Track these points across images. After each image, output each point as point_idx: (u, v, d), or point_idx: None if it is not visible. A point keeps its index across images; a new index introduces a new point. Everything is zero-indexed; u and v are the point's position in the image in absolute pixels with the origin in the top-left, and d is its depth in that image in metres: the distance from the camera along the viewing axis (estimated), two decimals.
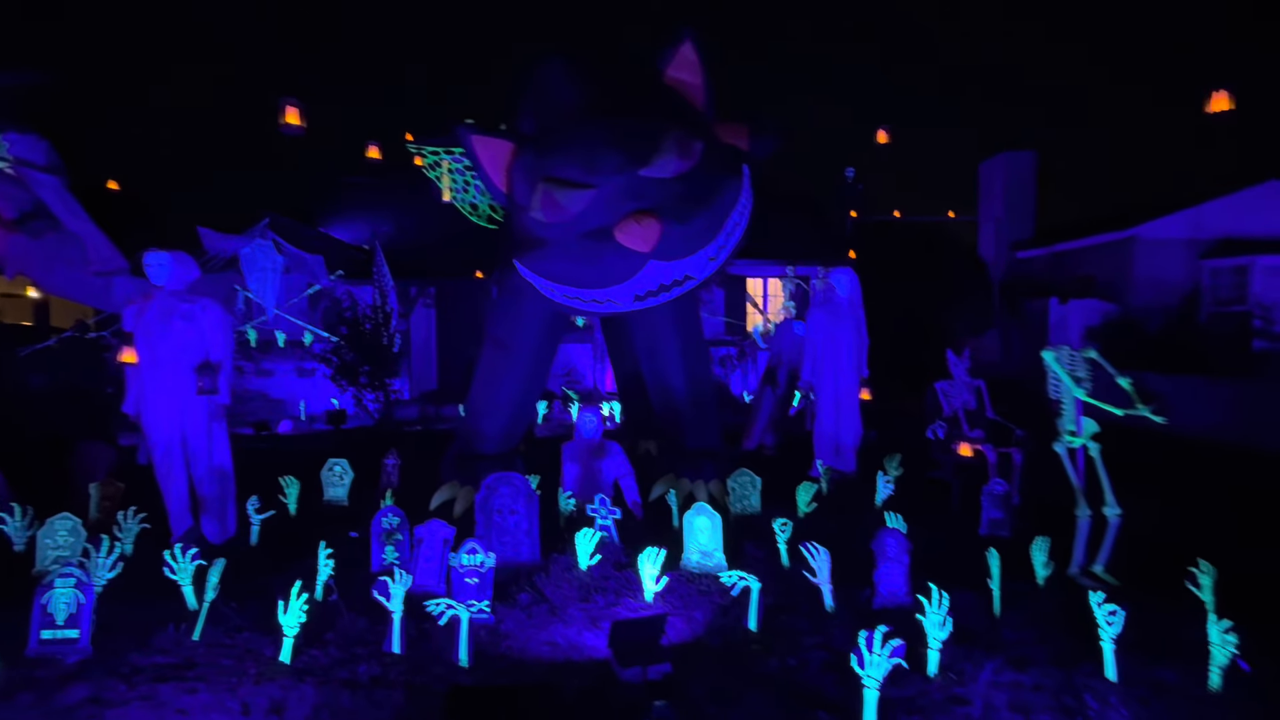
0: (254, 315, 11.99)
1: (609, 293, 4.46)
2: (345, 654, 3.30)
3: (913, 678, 3.05)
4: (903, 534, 3.90)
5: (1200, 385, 10.16)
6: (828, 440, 6.64)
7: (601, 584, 4.09)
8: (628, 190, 4.10)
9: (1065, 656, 3.21)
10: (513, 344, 5.97)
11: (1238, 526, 5.55)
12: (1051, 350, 4.43)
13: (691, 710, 2.83)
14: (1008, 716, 2.77)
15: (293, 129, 8.90)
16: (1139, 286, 13.19)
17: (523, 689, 2.66)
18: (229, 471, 4.96)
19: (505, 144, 4.37)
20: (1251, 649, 3.26)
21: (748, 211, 4.81)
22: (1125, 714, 2.74)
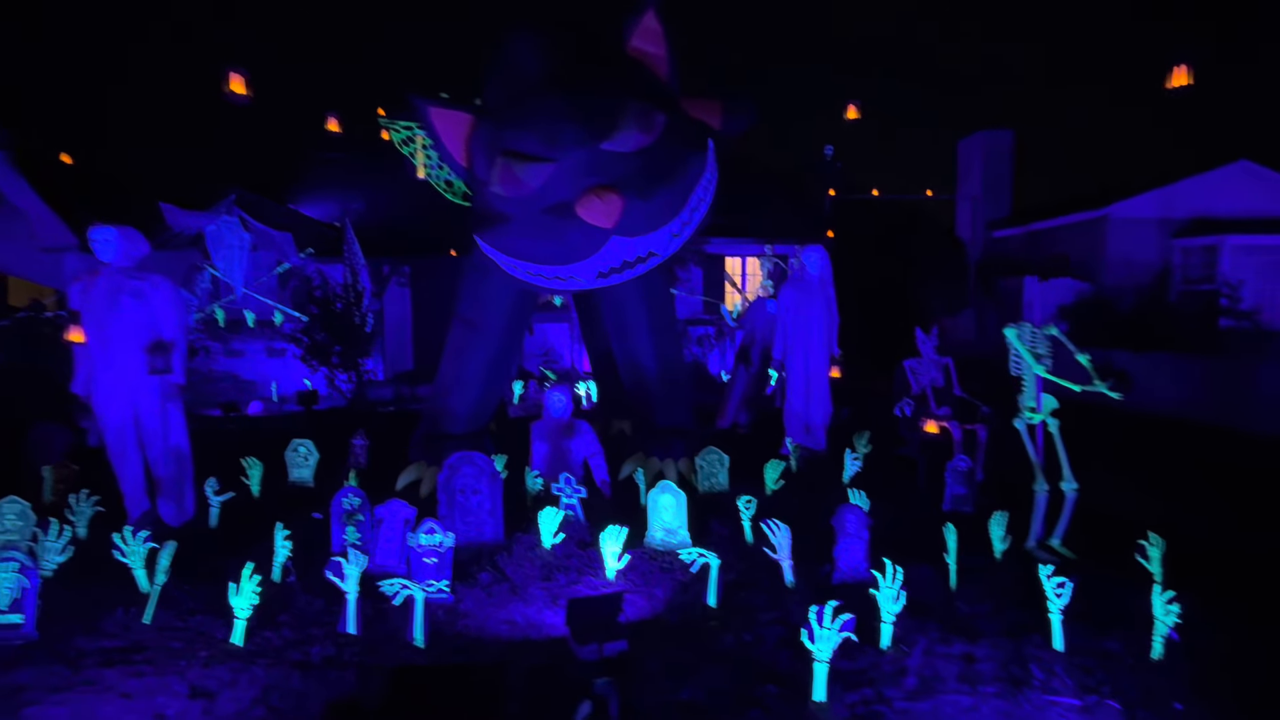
0: (222, 294, 11.73)
1: (571, 269, 4.39)
2: (299, 635, 3.26)
3: (866, 650, 3.09)
4: (863, 510, 3.92)
5: (1168, 362, 10.35)
6: (798, 418, 6.66)
7: (564, 563, 4.08)
8: (589, 165, 4.01)
9: (1016, 628, 3.27)
10: (481, 322, 5.88)
11: (1196, 501, 5.67)
12: (1013, 327, 4.45)
13: (646, 685, 2.84)
14: (955, 687, 2.81)
15: (238, 98, 8.60)
16: (1112, 265, 13.33)
17: (472, 667, 2.64)
18: (186, 453, 4.86)
19: (464, 116, 4.25)
20: (1202, 619, 3.34)
21: (713, 187, 4.74)
22: (1069, 683, 2.79)
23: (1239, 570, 4.06)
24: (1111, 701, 2.64)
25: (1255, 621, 3.37)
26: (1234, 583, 3.85)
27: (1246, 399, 9.13)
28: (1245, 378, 9.24)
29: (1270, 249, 13.14)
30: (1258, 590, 3.76)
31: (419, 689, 2.20)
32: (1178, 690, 2.76)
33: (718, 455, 5.56)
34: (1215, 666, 2.95)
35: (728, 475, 5.59)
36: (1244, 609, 3.51)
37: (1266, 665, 2.99)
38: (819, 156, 14.83)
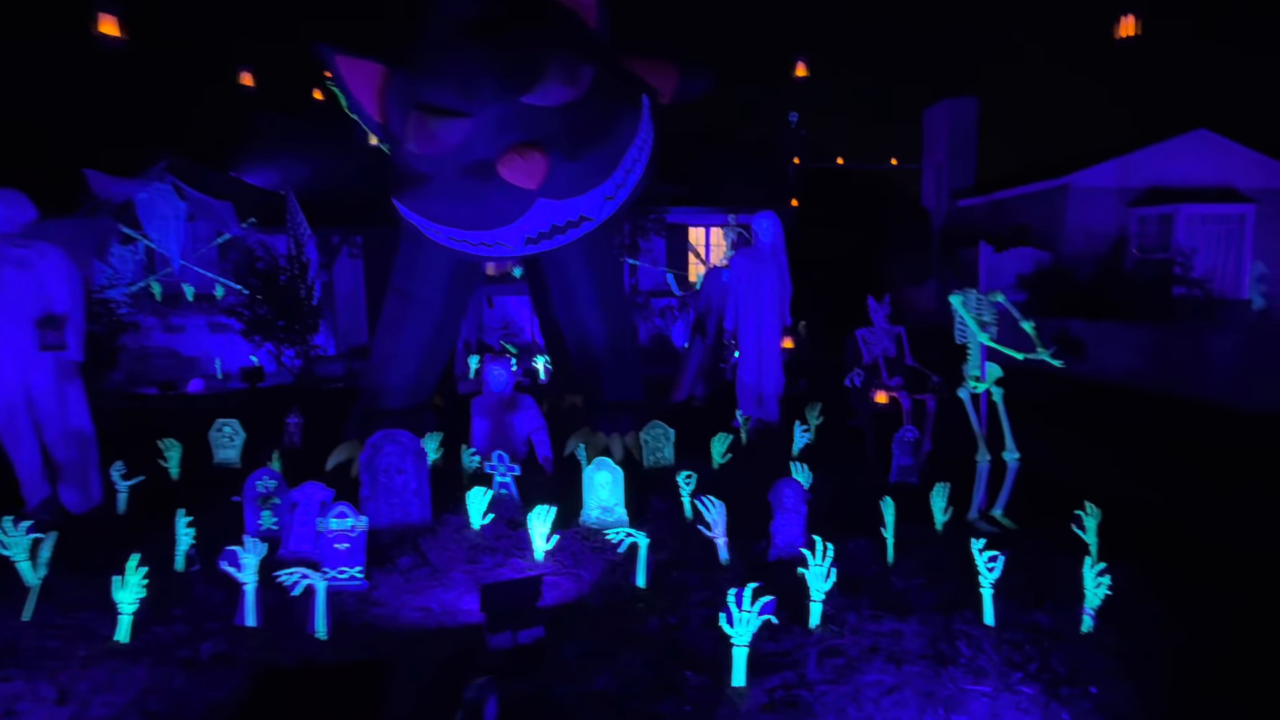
0: (158, 267, 11.14)
1: (496, 235, 4.12)
2: (193, 630, 3.03)
3: (794, 631, 2.97)
4: (801, 485, 3.79)
5: (1119, 331, 10.45)
6: (750, 390, 6.52)
7: (493, 544, 3.89)
8: (509, 120, 3.72)
9: (949, 603, 3.18)
10: (416, 293, 5.58)
11: (1140, 469, 5.69)
12: (959, 295, 4.32)
13: (559, 673, 2.68)
14: (880, 666, 2.70)
15: (111, 40, 7.96)
16: (1071, 235, 13.38)
17: (350, 666, 2.44)
18: (89, 435, 4.53)
19: (375, 66, 3.90)
20: (1136, 590, 3.30)
21: (649, 147, 4.48)
22: (996, 659, 2.71)
23: (1178, 540, 4.05)
24: (1025, 688, 2.55)
25: (1188, 592, 3.34)
26: (1173, 552, 3.83)
27: (1194, 367, 9.27)
28: (1193, 346, 9.37)
29: (1224, 218, 13.33)
30: (1195, 560, 3.74)
31: (288, 690, 2.00)
32: (1103, 664, 2.70)
33: (663, 430, 5.40)
34: (1143, 639, 2.89)
35: (673, 450, 5.44)
36: (1180, 579, 3.49)
37: (1195, 637, 2.95)
38: (784, 124, 14.54)
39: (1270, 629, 3.00)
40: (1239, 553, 3.78)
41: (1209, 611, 3.13)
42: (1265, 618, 3.09)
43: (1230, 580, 3.45)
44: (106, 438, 5.81)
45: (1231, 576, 3.50)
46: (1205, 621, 3.05)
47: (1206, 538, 4.07)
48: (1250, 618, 3.09)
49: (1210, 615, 3.09)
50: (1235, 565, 3.64)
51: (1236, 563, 3.67)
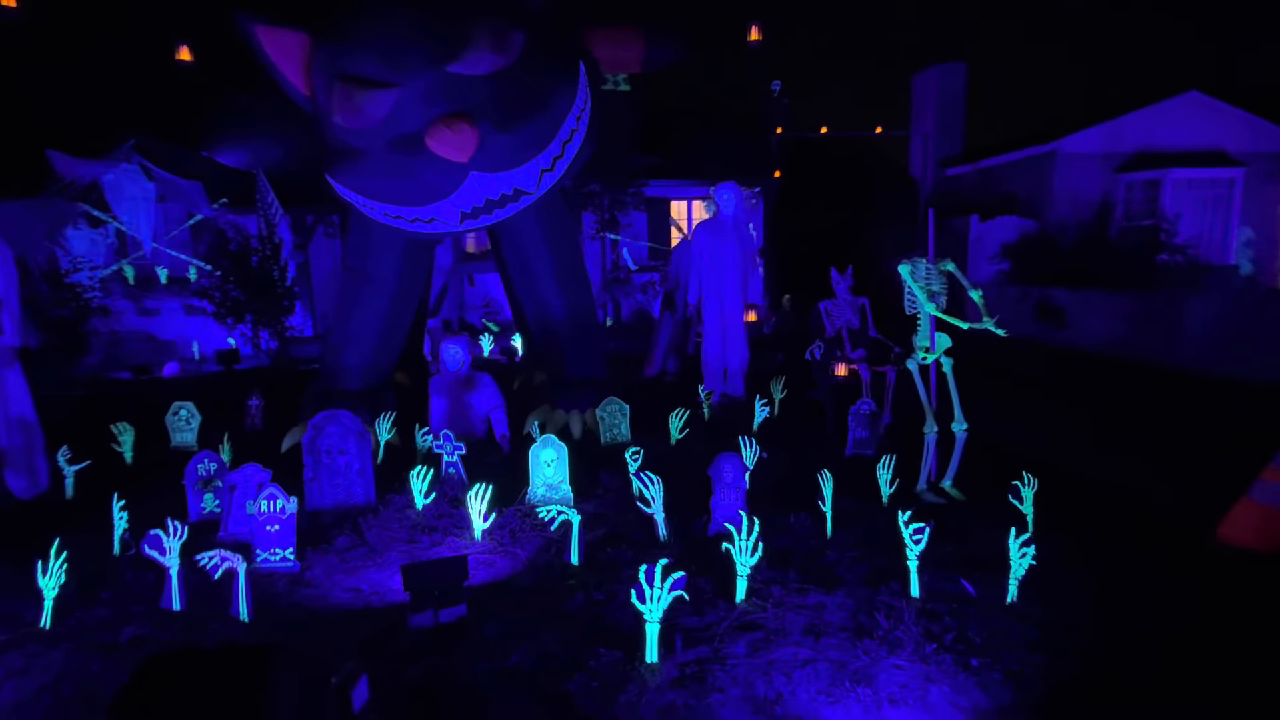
0: (130, 250, 11.02)
1: (430, 210, 4.02)
2: (117, 614, 3.02)
3: (719, 605, 2.96)
4: (741, 459, 3.76)
5: (1100, 299, 10.36)
6: (715, 365, 6.47)
7: (433, 524, 3.88)
8: (437, 90, 3.60)
9: (878, 575, 3.17)
10: (370, 272, 5.50)
11: (1100, 440, 5.66)
12: (907, 264, 4.23)
13: (477, 651, 2.68)
14: (798, 640, 2.69)
15: (5, 11, 7.71)
16: (1058, 202, 13.19)
17: (246, 649, 2.41)
18: (32, 421, 4.50)
19: (298, 36, 3.76)
20: (1069, 559, 3.28)
21: (587, 117, 4.35)
22: (914, 631, 2.69)
23: (1123, 512, 4.03)
24: (938, 658, 2.53)
25: (1121, 564, 3.33)
26: (1115, 524, 3.82)
27: (1173, 334, 9.20)
28: (1172, 313, 9.28)
29: (1212, 183, 13.14)
30: (1135, 533, 3.72)
31: (164, 682, 1.98)
32: (1021, 635, 2.69)
33: (618, 406, 5.36)
34: (1067, 611, 2.88)
35: (629, 426, 5.41)
36: (1117, 551, 3.47)
37: (1118, 609, 2.94)
38: (766, 93, 14.26)
39: (1195, 602, 2.98)
40: (1182, 526, 3.75)
41: (1137, 584, 3.11)
42: (1193, 591, 3.08)
43: (1166, 553, 3.44)
44: (75, 423, 5.80)
45: (1169, 549, 3.48)
46: (1131, 594, 3.04)
47: (1152, 509, 4.05)
48: (1179, 590, 3.07)
49: (1138, 588, 3.08)
50: (1175, 538, 3.62)
51: (1177, 535, 3.65)
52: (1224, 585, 3.07)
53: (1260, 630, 2.72)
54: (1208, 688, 2.40)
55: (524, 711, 2.33)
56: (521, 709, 2.34)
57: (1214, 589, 3.05)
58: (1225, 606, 2.90)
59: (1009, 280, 12.42)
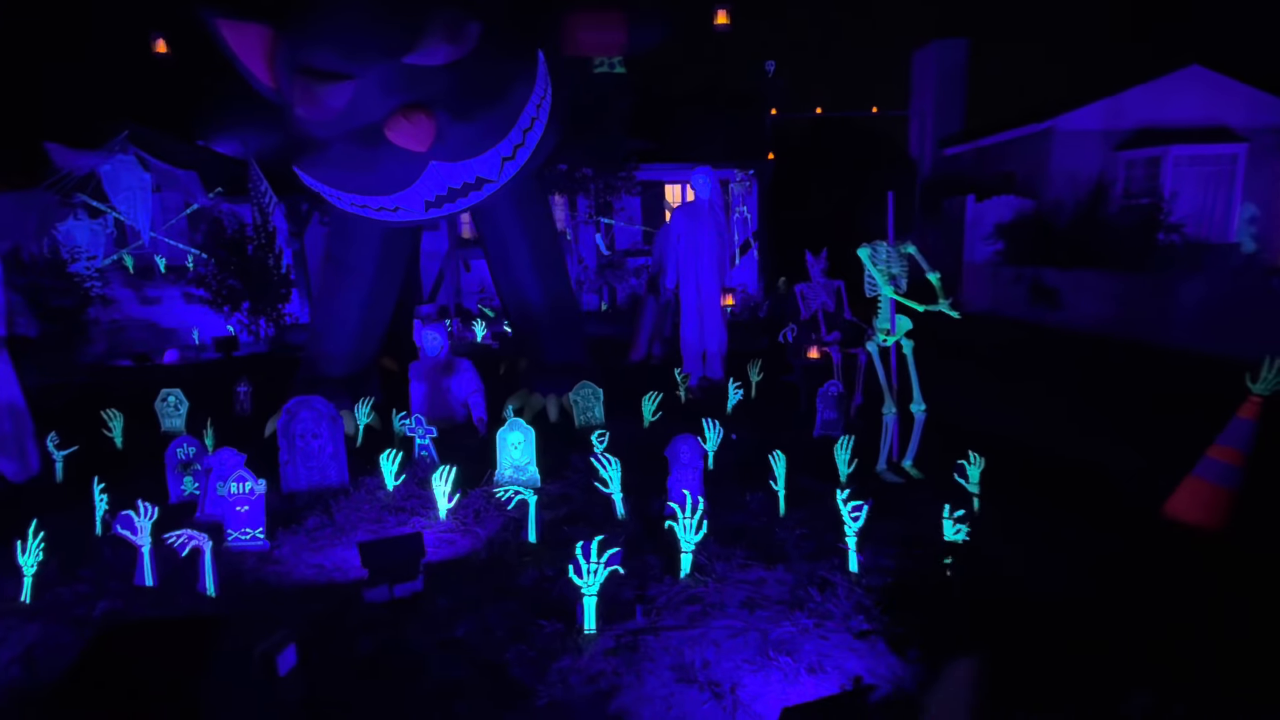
0: (129, 240, 11.20)
1: (394, 199, 4.11)
2: (94, 590, 3.18)
3: (664, 580, 3.07)
4: (697, 441, 3.85)
5: (1092, 279, 10.30)
6: (693, 348, 6.54)
7: (401, 504, 4.02)
8: (394, 81, 3.67)
9: (822, 552, 3.26)
10: (349, 260, 5.61)
11: (1073, 418, 5.70)
12: (866, 247, 4.28)
13: (425, 622, 2.81)
14: (733, 613, 2.80)
15: None
16: (1055, 181, 13.05)
17: (193, 620, 2.55)
18: (21, 407, 4.66)
19: (261, 29, 3.83)
20: (1016, 535, 3.36)
21: (548, 104, 4.40)
22: (845, 605, 2.79)
23: (1078, 489, 4.09)
24: (864, 629, 2.63)
25: (1064, 541, 3.40)
26: (1067, 502, 3.88)
27: (1166, 314, 9.15)
28: (1165, 293, 9.22)
29: (1214, 159, 12.93)
30: (1086, 511, 3.78)
31: (118, 652, 2.12)
32: (949, 610, 2.78)
33: (591, 390, 5.46)
34: (999, 587, 2.96)
35: (603, 409, 5.51)
36: (1064, 528, 3.54)
37: (1052, 586, 3.02)
38: (760, 73, 14.13)
39: (1133, 579, 3.06)
40: (1131, 505, 3.81)
41: (1076, 561, 3.18)
42: (1134, 568, 3.15)
43: (1110, 530, 3.50)
44: (74, 409, 5.97)
45: (1115, 526, 3.55)
46: (1068, 571, 3.11)
47: (1106, 488, 4.11)
48: (1118, 568, 3.14)
49: (1076, 565, 3.15)
50: (1123, 516, 3.69)
51: (1125, 514, 3.71)
52: (1171, 564, 3.14)
53: (1196, 608, 2.80)
54: (1128, 665, 2.48)
55: (460, 678, 2.46)
56: (458, 676, 2.47)
57: (1160, 567, 3.12)
58: (1167, 585, 2.97)
59: (1003, 261, 12.35)
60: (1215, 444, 3.51)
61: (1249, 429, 3.43)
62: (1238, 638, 2.56)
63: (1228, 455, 3.45)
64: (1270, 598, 2.80)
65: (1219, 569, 3.04)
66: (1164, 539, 3.37)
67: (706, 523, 3.18)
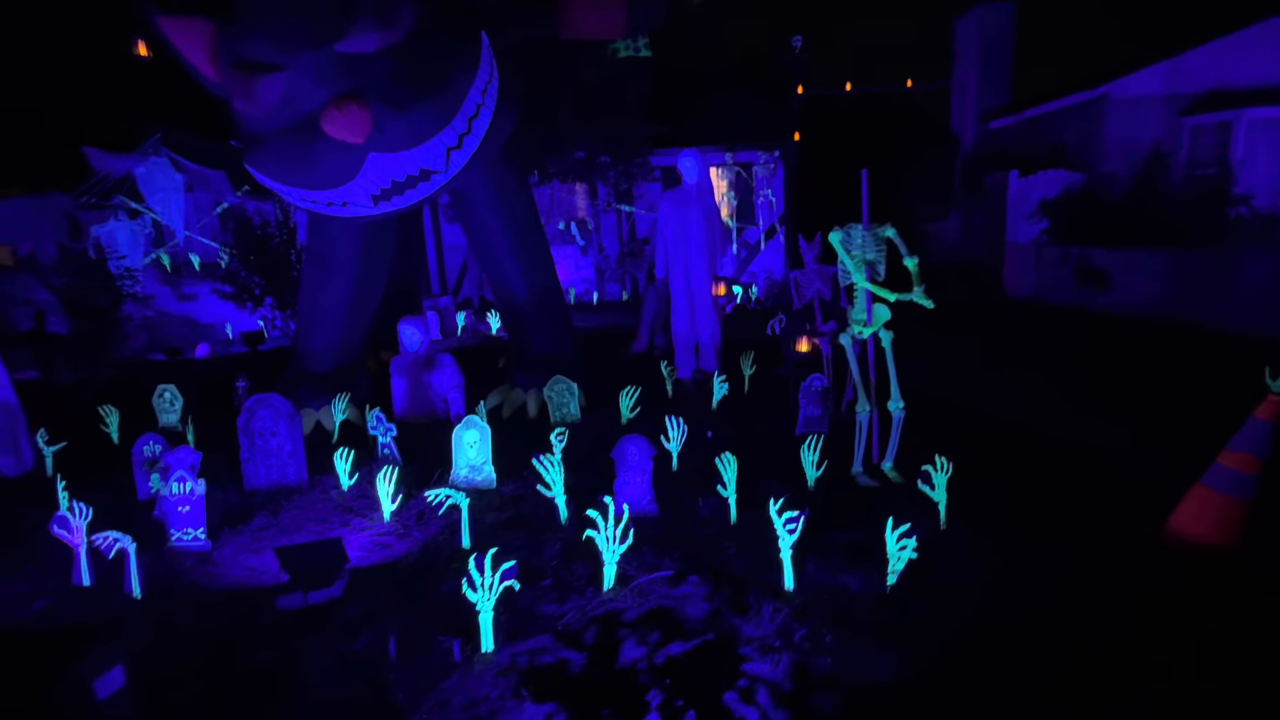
0: (165, 239, 11.67)
1: (340, 194, 4.02)
2: (35, 588, 3.23)
3: (586, 593, 2.90)
4: (646, 441, 3.64)
5: (1143, 258, 9.45)
6: (685, 339, 6.29)
7: (351, 504, 3.97)
8: (327, 71, 3.56)
9: (762, 565, 3.01)
10: (329, 257, 5.61)
11: (1093, 412, 5.20)
12: (839, 231, 3.94)
13: (329, 634, 2.72)
14: (643, 631, 2.59)
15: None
16: (1110, 152, 12.06)
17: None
18: (14, 404, 4.83)
19: (202, 24, 3.78)
20: (982, 549, 3.04)
21: (495, 89, 4.21)
22: (767, 629, 2.55)
23: (1088, 500, 3.68)
24: (779, 650, 2.38)
25: (1025, 557, 3.05)
26: (1076, 517, 3.49)
27: (1228, 295, 8.30)
28: (1230, 271, 8.36)
29: None
30: (1060, 521, 3.40)
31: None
32: (878, 630, 2.50)
33: (566, 385, 5.30)
34: (945, 605, 2.66)
35: (578, 406, 5.35)
36: (1036, 538, 3.18)
37: (1001, 607, 2.69)
38: (786, 50, 13.54)
39: (1089, 598, 2.70)
40: (1138, 521, 3.39)
41: (1043, 591, 2.83)
42: (1112, 600, 2.78)
43: (1103, 551, 3.12)
44: (95, 403, 6.15)
45: (1110, 547, 3.16)
46: (1029, 601, 2.77)
47: (1114, 499, 3.69)
48: (1094, 600, 2.78)
49: (1041, 596, 2.79)
50: (1125, 535, 3.29)
51: (1127, 533, 3.31)
52: (1163, 598, 2.76)
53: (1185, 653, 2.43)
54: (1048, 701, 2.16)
55: (345, 695, 2.35)
56: (345, 693, 2.36)
57: (1146, 586, 2.74)
58: (1138, 610, 2.61)
59: (1049, 241, 11.50)
60: (1227, 449, 3.06)
61: (1267, 431, 2.97)
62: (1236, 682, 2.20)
63: (1241, 462, 3.00)
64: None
65: (1222, 598, 2.64)
66: (1160, 563, 2.97)
67: (633, 532, 2.97)
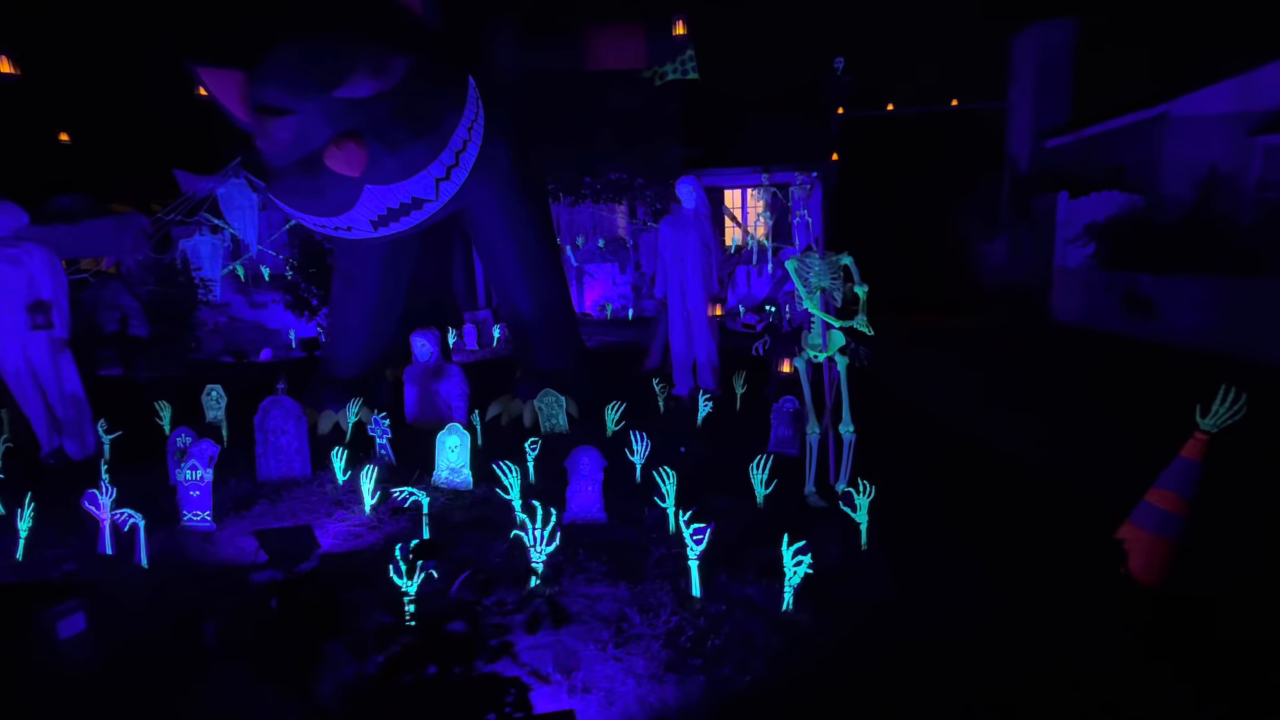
0: (240, 252, 12.85)
1: (343, 220, 4.50)
2: (68, 554, 3.80)
3: (513, 592, 3.17)
4: (597, 453, 3.89)
5: (1193, 286, 8.94)
6: (682, 358, 6.50)
7: (341, 497, 4.40)
8: (330, 114, 4.05)
9: (679, 573, 3.20)
10: (354, 274, 6.17)
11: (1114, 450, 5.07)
12: (794, 259, 4.09)
13: (258, 618, 3.06)
14: (551, 626, 2.84)
15: (8, 78, 9.13)
16: (1171, 173, 11.44)
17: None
18: (81, 397, 5.58)
19: (235, 74, 4.38)
20: (894, 570, 3.13)
21: (480, 127, 4.61)
22: (661, 629, 2.75)
23: (997, 525, 3.68)
24: (660, 655, 2.58)
25: (941, 580, 3.10)
26: (967, 538, 3.51)
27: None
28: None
29: None
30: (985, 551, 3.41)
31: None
32: (761, 642, 2.65)
33: (555, 397, 5.61)
34: (833, 622, 2.77)
35: (566, 418, 5.65)
36: (953, 564, 3.23)
37: (893, 627, 2.77)
38: (828, 71, 13.57)
39: (991, 631, 2.74)
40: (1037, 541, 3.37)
41: (934, 607, 2.90)
42: (1008, 616, 2.82)
43: (1026, 578, 3.14)
44: (162, 399, 6.91)
45: (1038, 576, 3.17)
46: (923, 616, 2.84)
47: (1063, 531, 3.66)
48: (987, 617, 2.83)
49: (929, 612, 2.86)
50: (1060, 568, 3.28)
51: (1063, 566, 3.30)
52: (1071, 622, 2.78)
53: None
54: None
55: (240, 679, 2.63)
56: (240, 676, 2.64)
57: (1038, 611, 2.77)
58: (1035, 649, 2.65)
59: (1097, 265, 11.00)
60: (1154, 487, 3.04)
61: (1193, 471, 2.94)
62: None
63: (1167, 501, 2.97)
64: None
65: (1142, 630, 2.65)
66: (1087, 604, 2.97)
67: (560, 535, 3.23)
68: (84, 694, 2.50)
